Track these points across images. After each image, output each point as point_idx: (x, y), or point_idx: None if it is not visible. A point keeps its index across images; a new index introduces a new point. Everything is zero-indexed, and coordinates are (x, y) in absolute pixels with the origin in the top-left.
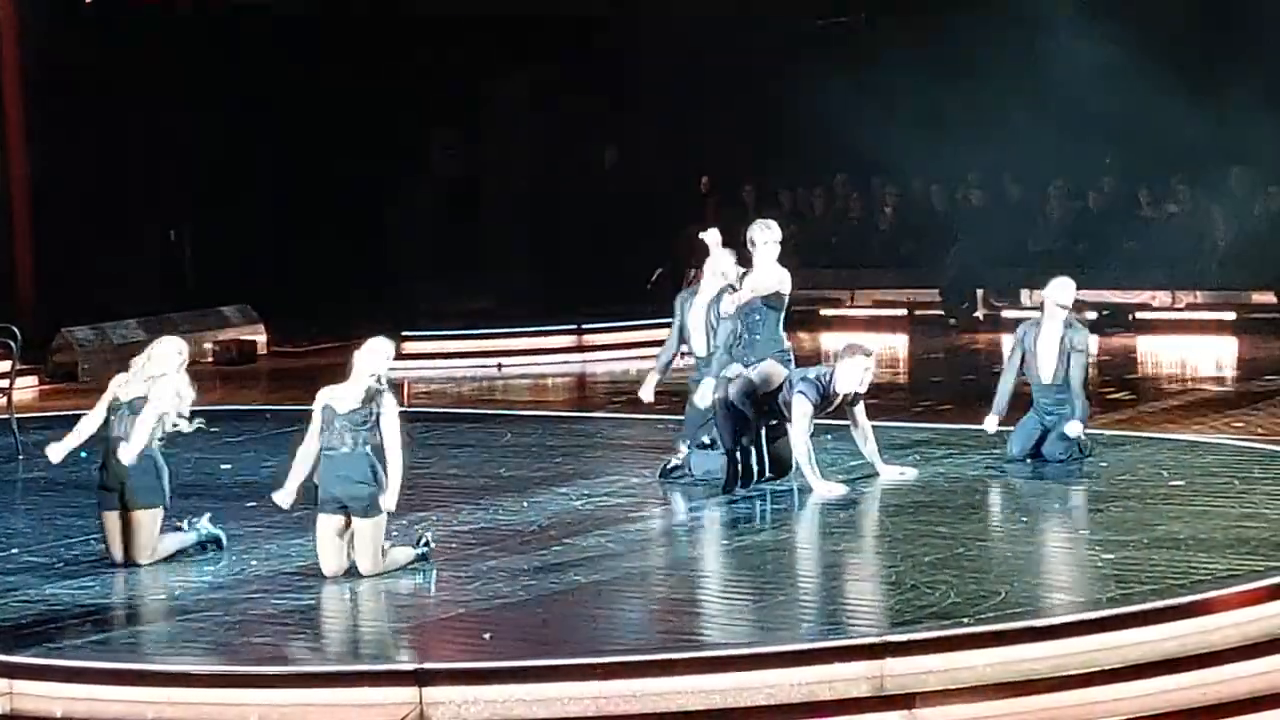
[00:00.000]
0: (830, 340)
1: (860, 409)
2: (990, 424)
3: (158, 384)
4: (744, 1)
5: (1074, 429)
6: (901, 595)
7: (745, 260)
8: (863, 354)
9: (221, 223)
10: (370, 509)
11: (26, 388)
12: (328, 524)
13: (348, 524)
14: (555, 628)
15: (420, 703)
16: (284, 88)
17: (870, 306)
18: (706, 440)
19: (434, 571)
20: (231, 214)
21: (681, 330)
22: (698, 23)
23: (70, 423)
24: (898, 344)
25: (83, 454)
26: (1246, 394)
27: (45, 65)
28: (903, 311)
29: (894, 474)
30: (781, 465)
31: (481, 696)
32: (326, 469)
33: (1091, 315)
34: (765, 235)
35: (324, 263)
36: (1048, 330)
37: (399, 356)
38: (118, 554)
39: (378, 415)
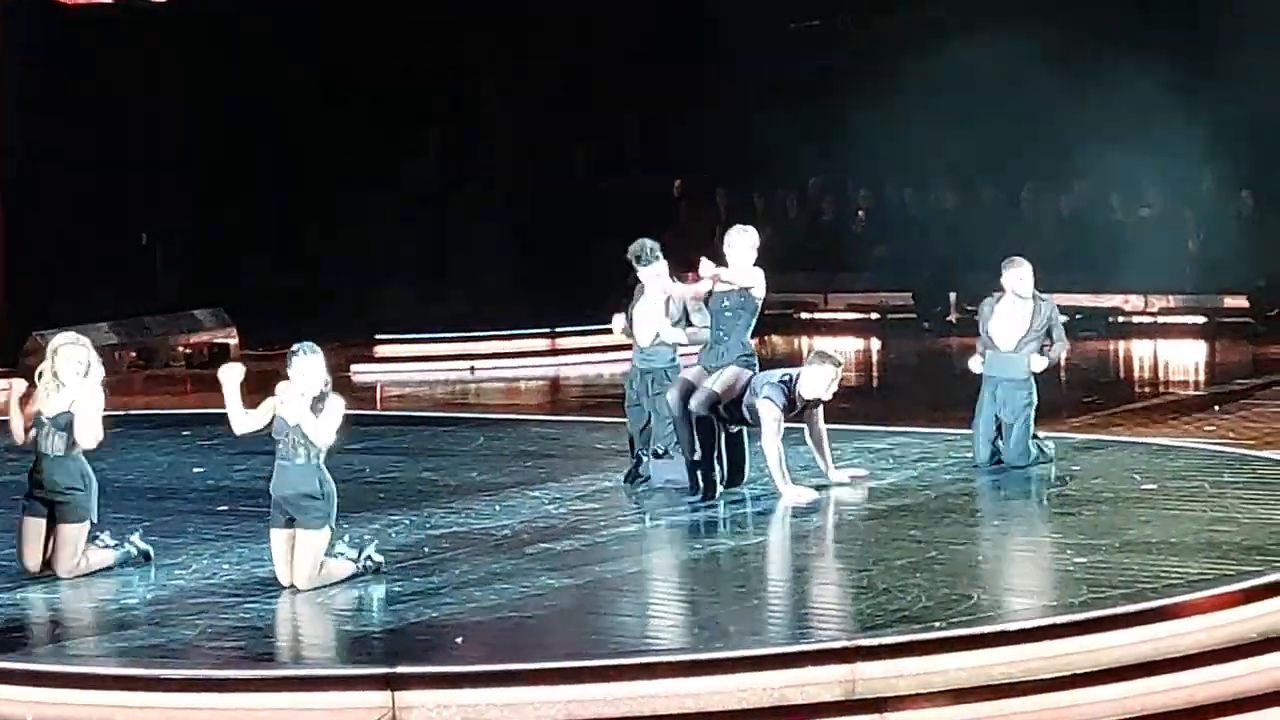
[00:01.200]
0: (804, 343)
1: (819, 414)
2: (974, 363)
3: (79, 396)
4: (717, 4)
5: (1039, 363)
6: (873, 599)
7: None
8: (833, 363)
9: (194, 226)
10: (315, 522)
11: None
12: (279, 539)
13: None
14: (528, 632)
15: (392, 707)
16: (259, 91)
17: (843, 310)
18: (660, 449)
19: (400, 578)
20: (205, 217)
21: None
22: (671, 25)
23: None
24: (871, 347)
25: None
26: (1218, 398)
27: (17, 65)
28: (876, 315)
29: (844, 478)
30: (738, 473)
31: (454, 701)
32: (279, 479)
33: (1064, 319)
34: (743, 238)
35: (297, 266)
36: (1010, 305)
37: (373, 360)
38: (33, 562)
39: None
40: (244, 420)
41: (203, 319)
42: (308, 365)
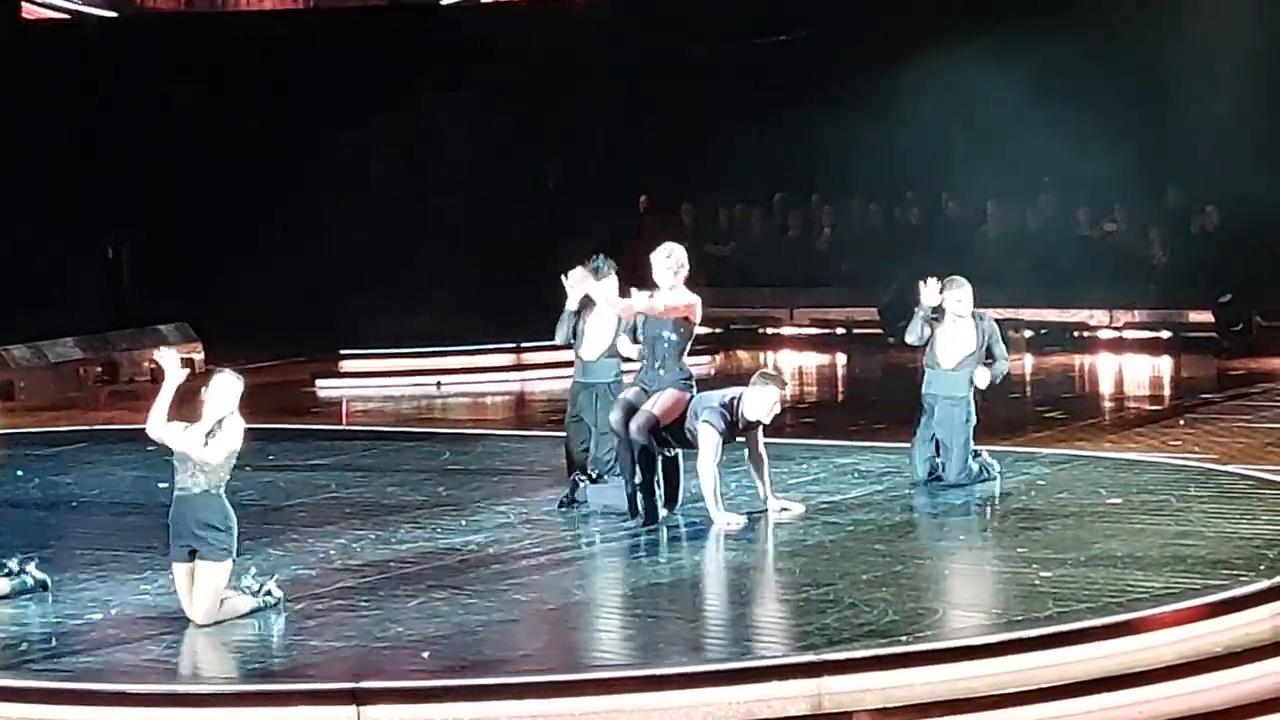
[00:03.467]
0: (769, 359)
1: (759, 436)
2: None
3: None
4: (683, 19)
5: (983, 377)
6: (839, 613)
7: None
8: (776, 385)
9: (160, 240)
10: (216, 554)
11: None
12: (181, 572)
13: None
14: (494, 647)
15: None
16: (222, 104)
17: (809, 325)
18: (595, 473)
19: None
20: (170, 231)
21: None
22: (636, 41)
23: (6, 441)
24: (836, 362)
25: (19, 471)
26: (1183, 412)
27: None
28: (841, 330)
29: (776, 508)
30: (674, 496)
31: (420, 715)
32: (179, 510)
33: (1028, 334)
34: (663, 262)
35: (262, 281)
36: (951, 325)
37: (338, 375)
38: None
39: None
40: (161, 425)
41: (167, 333)
42: (217, 387)
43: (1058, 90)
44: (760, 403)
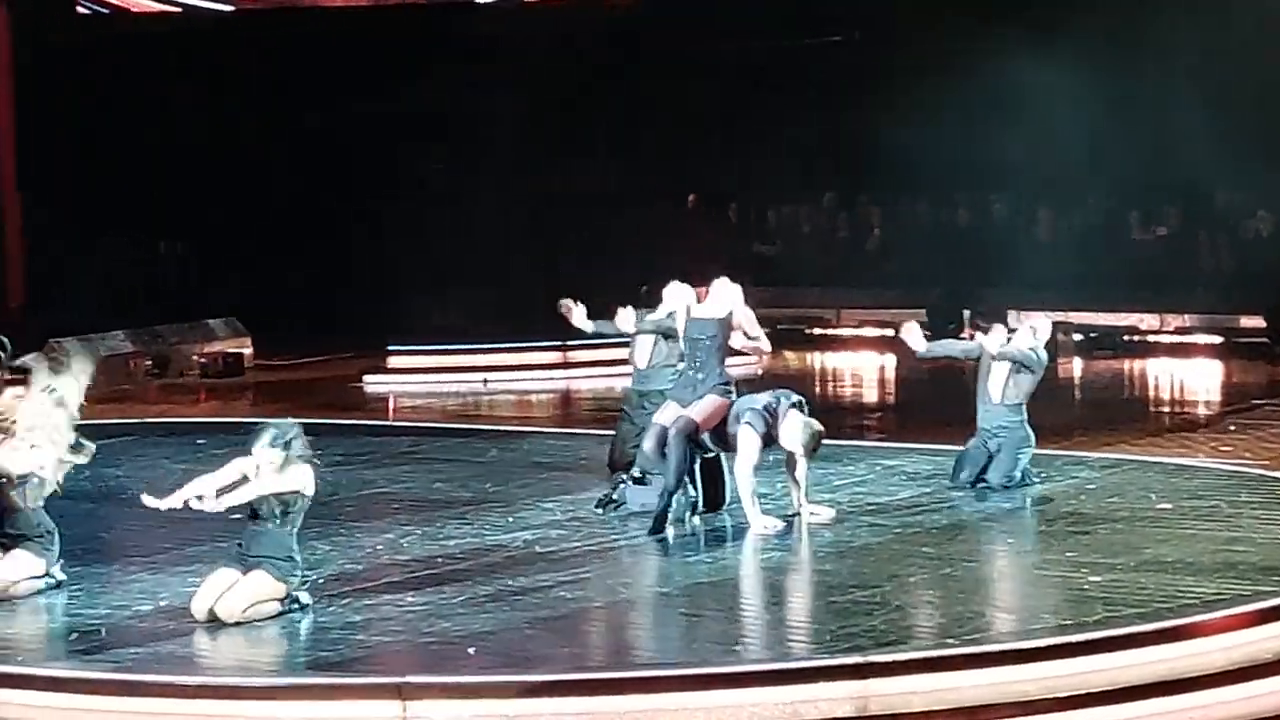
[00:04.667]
0: (816, 359)
1: None
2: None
3: (33, 449)
4: (731, 19)
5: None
6: (886, 615)
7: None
8: (815, 430)
9: (211, 236)
10: (276, 573)
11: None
12: (227, 574)
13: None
14: (539, 643)
15: (404, 717)
16: (276, 102)
17: (856, 326)
18: (638, 473)
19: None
20: (221, 227)
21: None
22: (685, 40)
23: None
24: (883, 363)
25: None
26: (1234, 417)
27: (39, 73)
28: (889, 331)
29: (808, 512)
30: (718, 497)
31: (465, 711)
32: (249, 538)
33: (1078, 337)
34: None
35: (312, 276)
36: (995, 365)
37: (386, 371)
38: None
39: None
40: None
41: (217, 328)
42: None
43: (1108, 93)
44: (793, 440)
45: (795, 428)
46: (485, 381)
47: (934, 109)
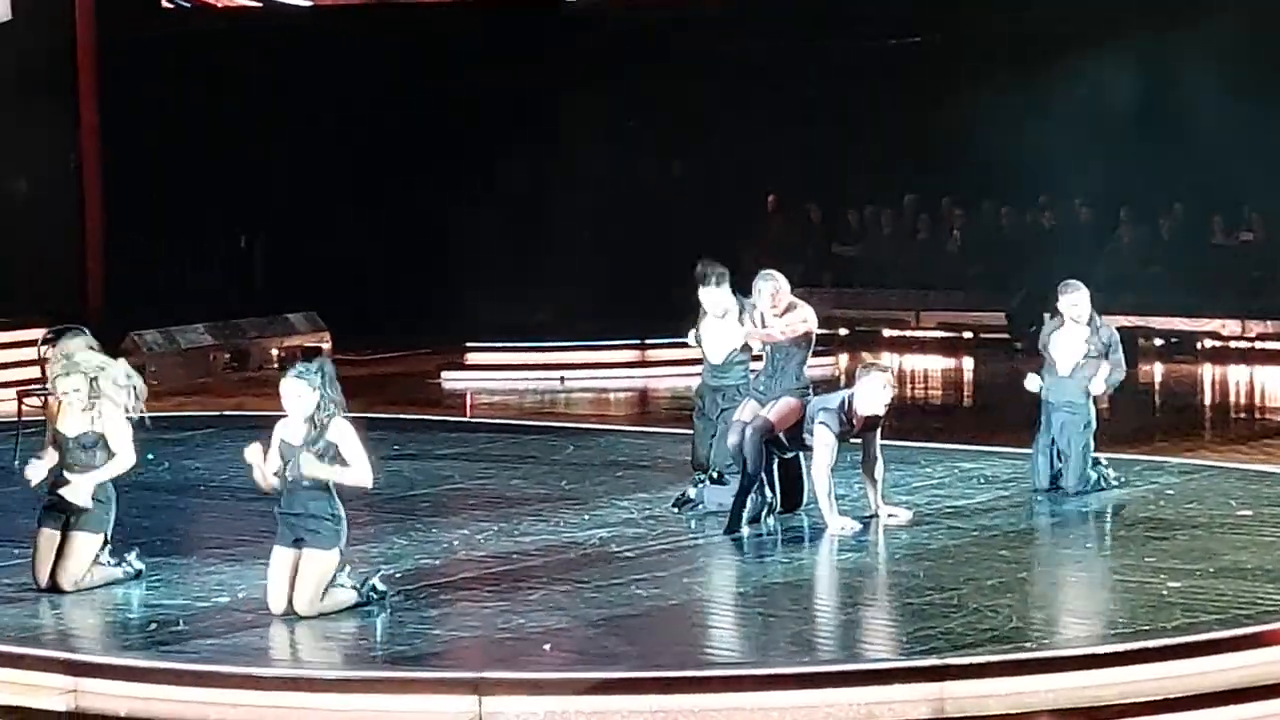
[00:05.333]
0: (895, 360)
1: (877, 438)
2: (1030, 382)
3: (105, 413)
4: (814, 19)
5: (1098, 385)
6: (964, 618)
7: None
8: (878, 370)
9: (293, 230)
10: (325, 543)
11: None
12: (282, 558)
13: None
14: (614, 641)
15: (479, 712)
16: (356, 99)
17: (935, 329)
18: (716, 473)
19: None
20: (303, 222)
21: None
22: (766, 40)
23: (137, 424)
24: (963, 366)
25: (149, 455)
26: None
27: (123, 69)
28: (968, 334)
29: (885, 514)
30: (795, 497)
31: (540, 708)
32: (289, 499)
33: (1159, 342)
34: (765, 285)
35: (391, 273)
36: (1067, 330)
37: (464, 367)
38: (43, 576)
39: (336, 446)
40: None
41: (296, 322)
42: (287, 396)
43: (1193, 96)
44: (871, 394)
45: (868, 388)
46: (563, 379)
47: (1017, 112)
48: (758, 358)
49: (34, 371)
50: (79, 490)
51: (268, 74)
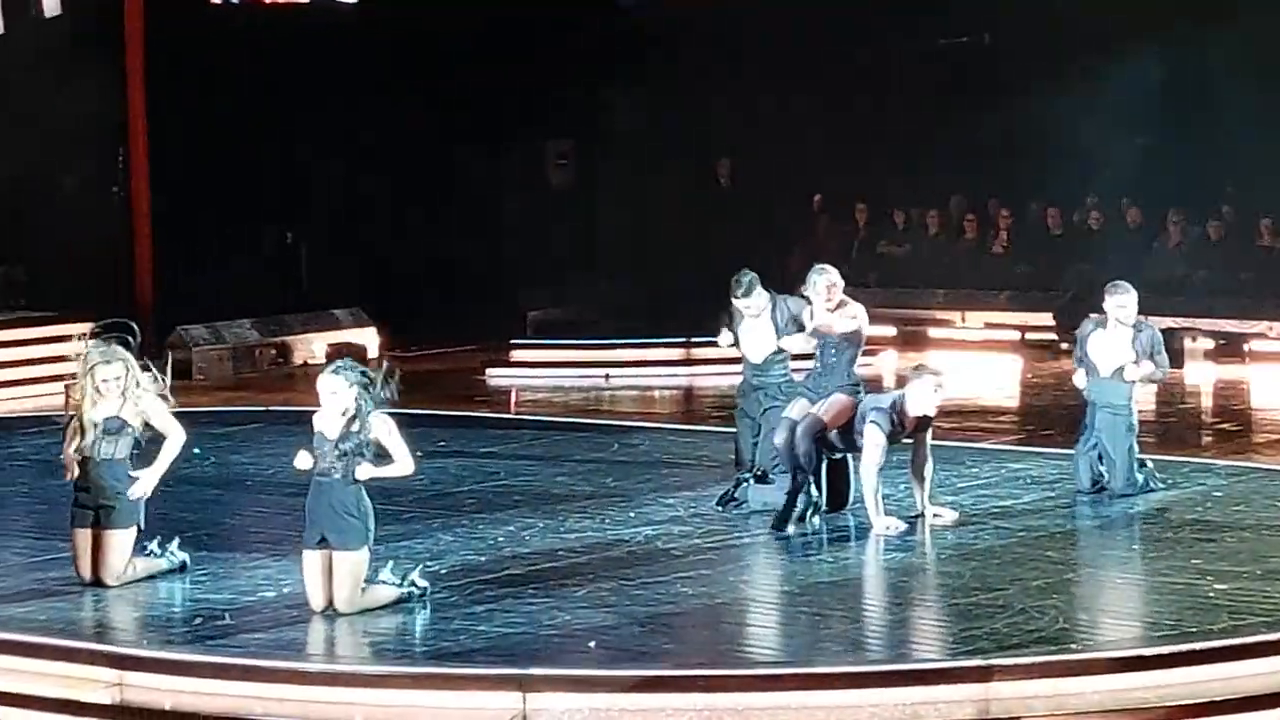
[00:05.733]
0: (939, 361)
1: (927, 439)
2: (1079, 379)
3: (138, 399)
4: (864, 20)
5: (1133, 371)
6: (1009, 619)
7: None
8: (930, 373)
9: (339, 226)
10: (353, 542)
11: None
12: (313, 560)
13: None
14: (659, 639)
15: (523, 708)
16: (401, 94)
17: (981, 329)
18: (761, 471)
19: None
20: (349, 218)
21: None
22: (815, 39)
23: (184, 419)
24: (1009, 367)
25: (195, 450)
26: None
27: (170, 65)
28: (1015, 335)
29: (931, 514)
30: (842, 497)
31: (585, 705)
32: (315, 497)
33: (1208, 344)
34: (820, 279)
35: (437, 269)
36: (1111, 331)
37: (508, 364)
38: (85, 572)
39: (369, 440)
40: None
41: (341, 318)
42: (324, 392)
43: (1242, 97)
44: (922, 396)
45: (919, 390)
46: (607, 376)
47: (1065, 112)
48: (798, 356)
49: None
50: (145, 485)
51: (313, 68)
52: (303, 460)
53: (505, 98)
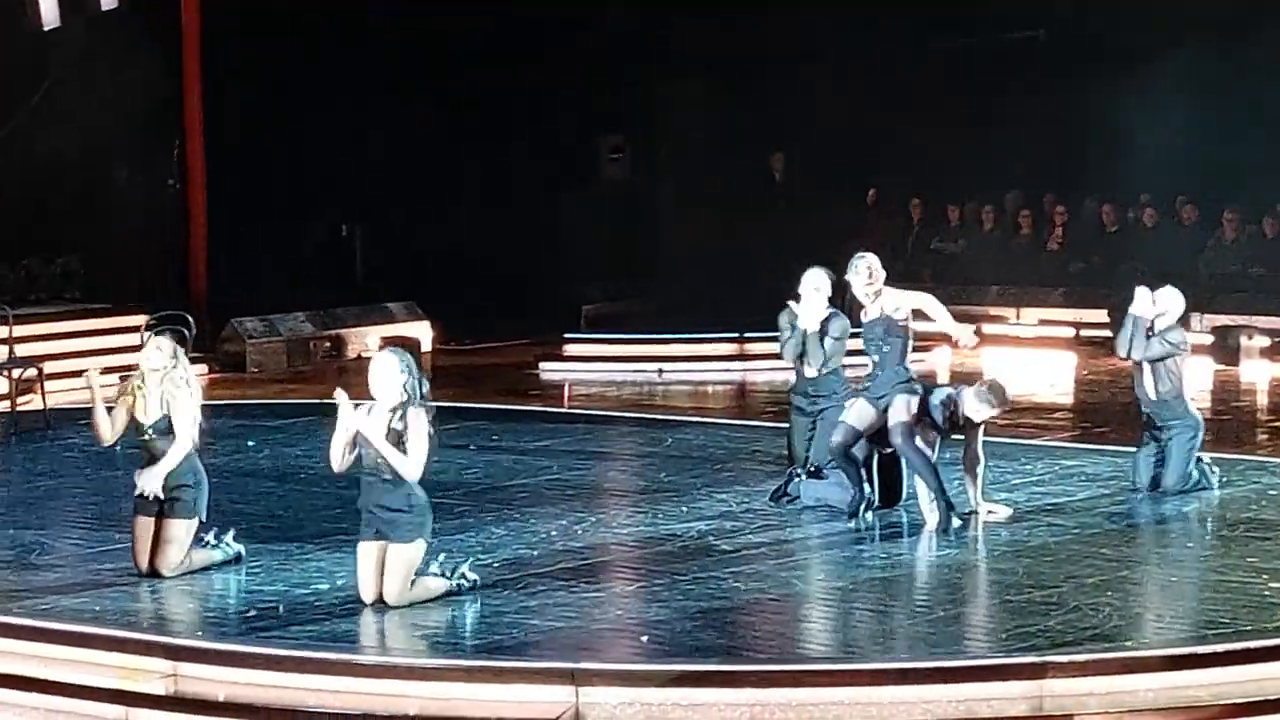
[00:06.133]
0: (990, 355)
1: (979, 435)
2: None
3: (174, 396)
4: (919, 15)
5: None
6: (1063, 616)
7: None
8: (995, 405)
9: (393, 219)
10: (406, 536)
11: (196, 376)
12: (368, 552)
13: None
14: (713, 634)
15: (576, 702)
16: (458, 89)
17: (1036, 325)
18: (814, 466)
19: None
20: (403, 211)
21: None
22: (871, 35)
23: (238, 411)
24: (1063, 363)
25: (249, 442)
26: None
27: (225, 59)
28: (1069, 331)
29: (984, 511)
30: (892, 494)
31: (637, 699)
32: (365, 495)
33: (1264, 341)
34: (868, 261)
35: (491, 263)
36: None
37: (562, 358)
38: (143, 562)
39: (403, 432)
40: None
41: (396, 311)
42: (377, 371)
43: None
44: (978, 404)
45: (975, 405)
46: (660, 371)
47: (1121, 108)
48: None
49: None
50: (152, 479)
51: (372, 59)
52: (342, 398)
53: (561, 91)
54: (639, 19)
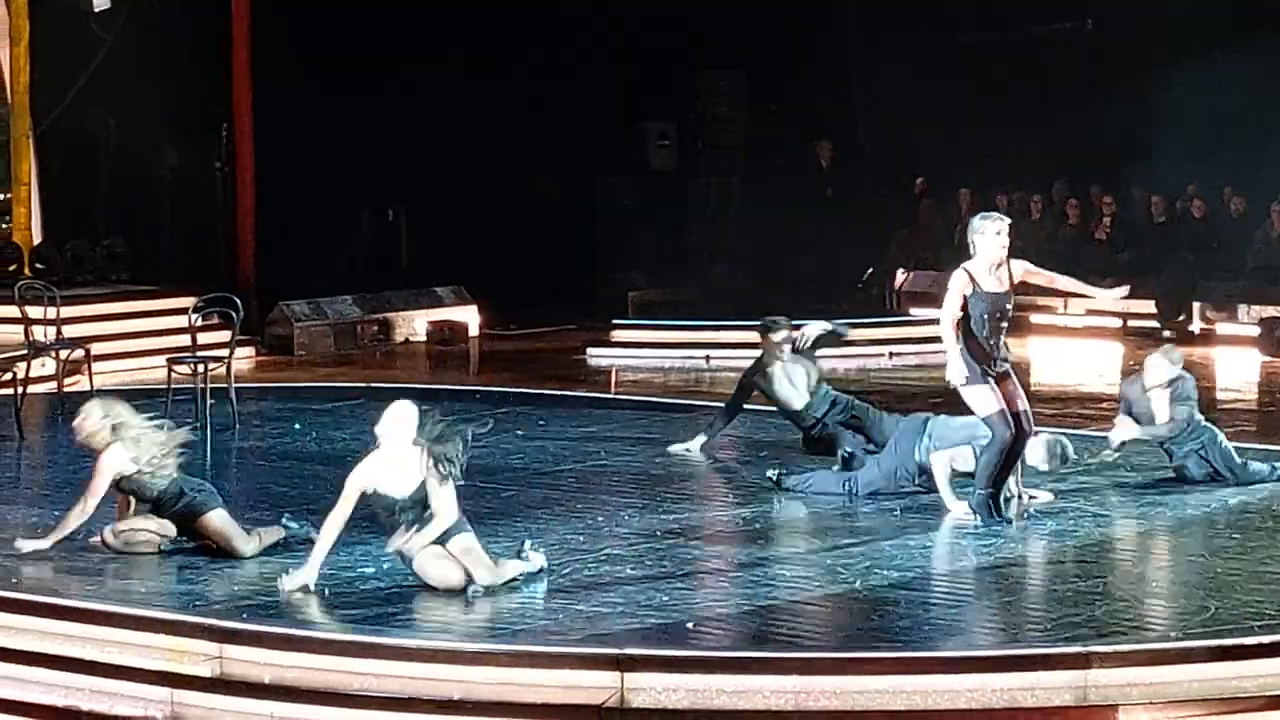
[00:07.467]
0: (1039, 347)
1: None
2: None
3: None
4: (967, 4)
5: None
6: (1109, 606)
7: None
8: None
9: (440, 204)
10: (454, 532)
11: (243, 358)
12: (433, 549)
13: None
14: (758, 620)
15: (621, 687)
16: (504, 73)
17: (1083, 315)
18: (848, 452)
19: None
20: (450, 196)
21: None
22: (918, 23)
23: (283, 395)
24: (1110, 353)
25: (296, 425)
26: None
27: (274, 45)
28: (1117, 322)
29: (1025, 497)
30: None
31: (683, 684)
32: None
33: None
34: (998, 224)
35: (539, 248)
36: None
37: (609, 344)
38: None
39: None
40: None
41: (443, 295)
42: (390, 418)
43: None
44: (1042, 459)
45: (1040, 449)
46: (708, 358)
47: (1169, 99)
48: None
49: (184, 340)
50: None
51: (417, 45)
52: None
53: (608, 78)
54: (688, 6)
